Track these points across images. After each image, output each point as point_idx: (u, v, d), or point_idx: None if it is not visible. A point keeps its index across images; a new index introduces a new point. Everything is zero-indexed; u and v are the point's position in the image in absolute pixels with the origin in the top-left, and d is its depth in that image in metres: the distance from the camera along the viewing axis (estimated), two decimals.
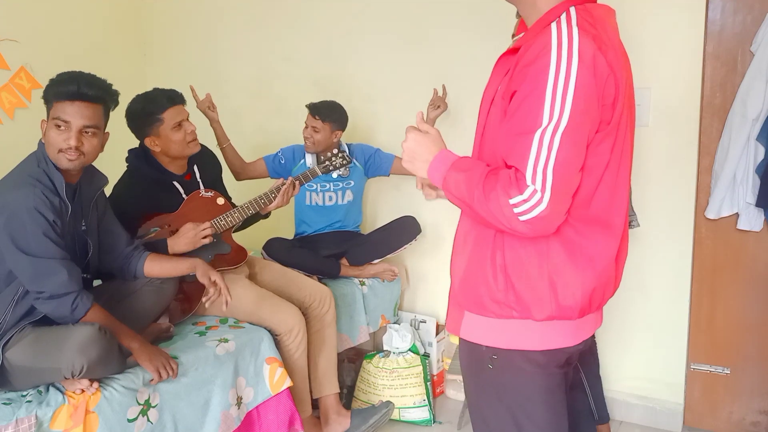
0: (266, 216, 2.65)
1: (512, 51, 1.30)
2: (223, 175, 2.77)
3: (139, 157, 2.48)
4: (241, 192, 2.92)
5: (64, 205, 1.91)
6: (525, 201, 1.17)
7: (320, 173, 2.69)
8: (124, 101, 2.55)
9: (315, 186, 3.02)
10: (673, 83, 2.61)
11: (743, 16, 2.50)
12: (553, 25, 1.22)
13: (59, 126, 1.88)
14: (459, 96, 2.94)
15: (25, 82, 3.18)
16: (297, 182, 2.60)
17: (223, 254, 2.49)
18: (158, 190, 2.46)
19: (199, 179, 2.56)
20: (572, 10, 1.24)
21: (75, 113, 1.88)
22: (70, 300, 1.87)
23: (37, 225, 1.82)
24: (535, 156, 1.17)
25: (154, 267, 2.19)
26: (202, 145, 2.61)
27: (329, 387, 2.61)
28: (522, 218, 1.17)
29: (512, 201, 1.17)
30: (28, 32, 3.18)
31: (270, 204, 2.54)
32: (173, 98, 2.42)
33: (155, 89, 2.45)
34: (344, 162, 2.70)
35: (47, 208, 1.84)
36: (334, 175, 2.97)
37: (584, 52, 1.17)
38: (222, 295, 2.18)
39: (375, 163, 3.06)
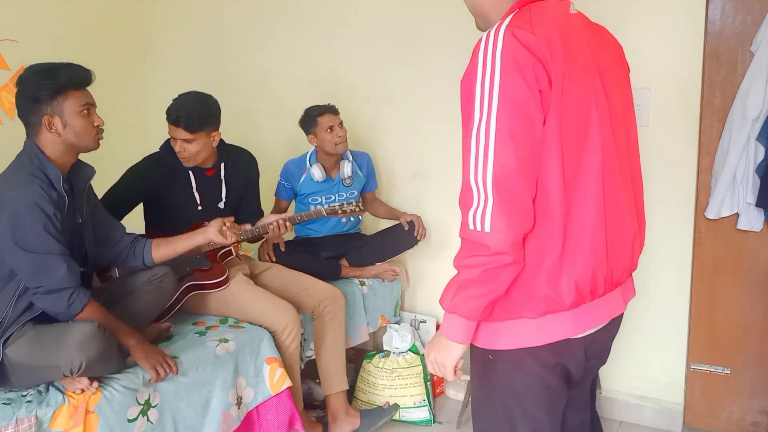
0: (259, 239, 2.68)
1: None
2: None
3: (168, 143, 2.56)
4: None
5: (62, 198, 1.92)
6: (477, 207, 1.20)
7: (325, 215, 2.67)
8: (124, 101, 2.57)
9: (320, 199, 3.02)
10: (673, 83, 2.61)
11: (743, 16, 2.50)
12: (485, 34, 1.25)
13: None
14: (459, 95, 2.93)
15: None
16: (289, 223, 2.56)
17: (202, 269, 2.48)
18: (165, 172, 2.51)
19: (222, 177, 2.56)
20: (510, 16, 1.27)
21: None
22: (66, 295, 1.87)
23: (37, 220, 1.83)
24: (474, 156, 1.21)
25: (161, 250, 2.21)
26: (241, 149, 2.63)
27: (339, 384, 2.61)
28: (487, 228, 1.19)
29: (470, 219, 1.21)
30: (28, 32, 3.18)
31: (263, 235, 2.57)
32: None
33: None
34: (354, 210, 2.66)
35: (47, 201, 1.85)
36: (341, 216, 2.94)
37: (505, 50, 1.19)
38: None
39: (366, 184, 3.13)
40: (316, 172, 2.94)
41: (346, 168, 2.98)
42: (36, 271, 1.85)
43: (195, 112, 2.42)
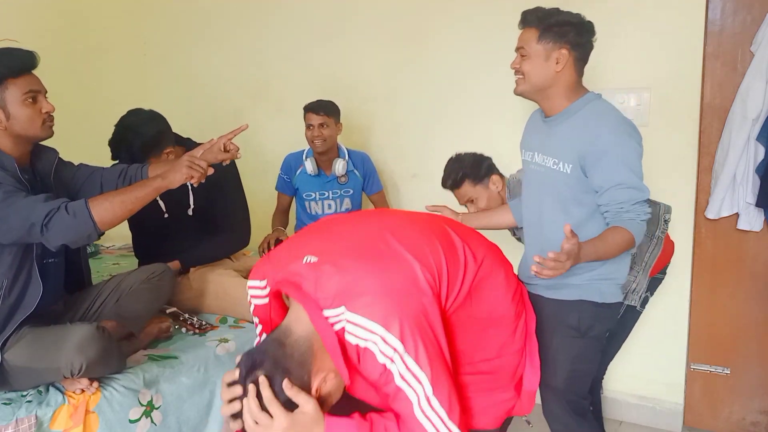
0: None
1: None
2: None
3: None
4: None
5: (22, 183, 1.85)
6: None
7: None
8: (124, 100, 2.57)
9: (314, 195, 3.02)
10: (673, 83, 2.61)
11: (743, 16, 2.50)
12: (350, 337, 1.29)
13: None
14: (459, 96, 2.94)
15: None
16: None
17: None
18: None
19: (189, 183, 2.19)
20: (345, 335, 1.29)
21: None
22: (63, 209, 1.76)
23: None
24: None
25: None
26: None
27: None
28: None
29: None
30: (28, 32, 3.18)
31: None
32: None
33: None
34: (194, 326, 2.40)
35: (5, 182, 1.78)
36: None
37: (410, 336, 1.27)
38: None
39: (367, 185, 3.12)
40: (308, 165, 2.98)
41: (339, 166, 2.99)
42: (25, 219, 1.75)
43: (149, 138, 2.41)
